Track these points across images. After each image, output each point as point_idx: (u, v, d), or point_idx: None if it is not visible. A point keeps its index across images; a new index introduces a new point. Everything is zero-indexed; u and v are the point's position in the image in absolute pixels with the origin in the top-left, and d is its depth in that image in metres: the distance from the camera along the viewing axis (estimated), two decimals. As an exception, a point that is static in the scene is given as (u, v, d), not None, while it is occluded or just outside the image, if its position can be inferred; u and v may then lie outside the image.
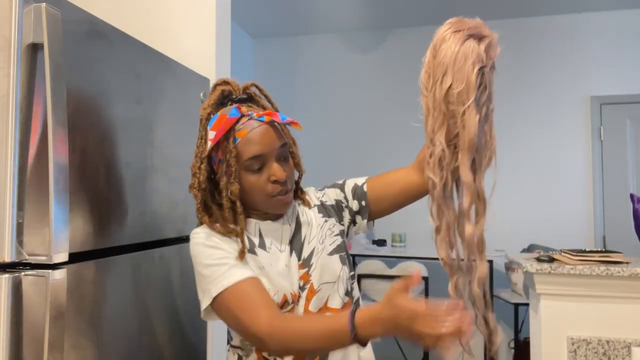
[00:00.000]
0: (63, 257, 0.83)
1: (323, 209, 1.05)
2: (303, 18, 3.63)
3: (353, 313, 0.76)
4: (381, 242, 3.41)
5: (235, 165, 0.90)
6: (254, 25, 3.78)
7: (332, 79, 3.91)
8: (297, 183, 1.03)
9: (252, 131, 0.90)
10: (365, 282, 3.03)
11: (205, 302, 0.89)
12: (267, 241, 0.96)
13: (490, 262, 3.04)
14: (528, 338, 2.85)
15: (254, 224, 0.97)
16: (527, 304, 2.63)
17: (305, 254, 0.98)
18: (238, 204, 0.93)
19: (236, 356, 0.98)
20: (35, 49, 0.83)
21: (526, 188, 3.50)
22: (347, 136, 3.86)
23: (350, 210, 1.06)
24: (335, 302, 0.97)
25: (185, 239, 1.40)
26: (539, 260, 1.62)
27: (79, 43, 0.95)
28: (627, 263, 1.54)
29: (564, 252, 1.67)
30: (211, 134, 0.91)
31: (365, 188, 1.04)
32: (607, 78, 3.43)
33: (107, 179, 1.02)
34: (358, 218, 1.06)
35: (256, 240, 0.96)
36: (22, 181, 0.81)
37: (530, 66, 3.55)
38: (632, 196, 1.70)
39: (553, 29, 3.52)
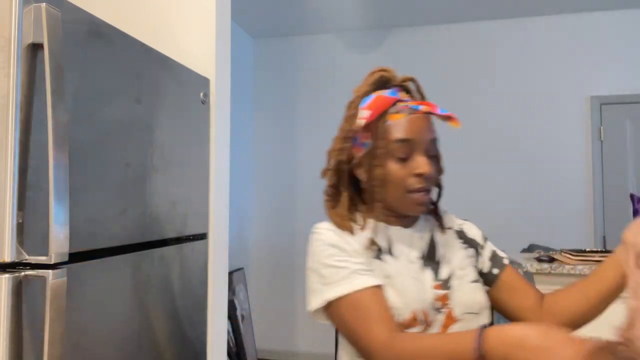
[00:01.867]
0: (63, 257, 0.83)
1: (464, 235, 0.97)
2: (303, 18, 3.63)
3: (481, 332, 0.66)
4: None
5: (382, 148, 0.84)
6: (254, 25, 3.78)
7: (332, 79, 3.91)
8: (436, 200, 0.96)
9: (406, 117, 0.85)
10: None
11: (316, 303, 0.82)
12: (397, 248, 0.88)
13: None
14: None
15: (382, 227, 0.89)
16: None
17: (443, 274, 0.88)
18: (375, 191, 0.86)
19: None
20: (35, 49, 0.83)
21: (526, 188, 3.50)
22: (347, 136, 3.86)
23: (483, 261, 0.96)
24: None
25: (185, 239, 1.40)
26: (539, 260, 1.62)
27: (79, 43, 0.95)
28: (627, 263, 1.54)
29: (564, 252, 1.66)
30: (364, 113, 0.86)
31: (496, 272, 0.94)
32: (607, 78, 3.43)
33: (107, 179, 1.02)
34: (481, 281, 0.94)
35: (384, 245, 0.87)
36: (22, 181, 0.81)
37: (530, 66, 3.55)
38: (632, 196, 1.70)
39: (553, 29, 3.52)
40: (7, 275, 0.78)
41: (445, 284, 0.86)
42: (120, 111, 1.07)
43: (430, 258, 0.89)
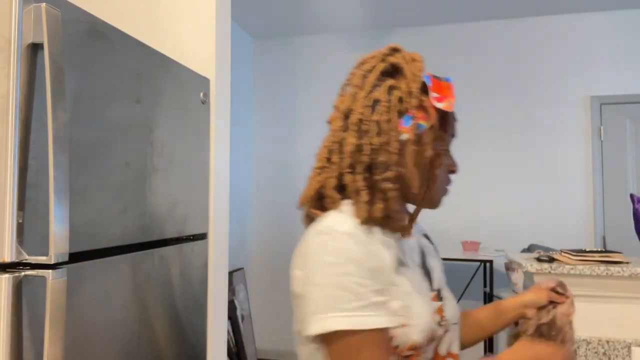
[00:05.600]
0: (63, 257, 0.83)
1: (429, 238, 0.93)
2: (303, 18, 3.63)
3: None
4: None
5: (443, 138, 0.79)
6: (254, 25, 3.78)
7: (332, 79, 3.91)
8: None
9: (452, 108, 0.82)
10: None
11: (317, 328, 0.67)
12: (407, 258, 0.79)
13: (490, 262, 3.04)
14: (528, 338, 2.84)
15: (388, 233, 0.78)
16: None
17: (435, 284, 0.82)
18: (417, 178, 0.78)
19: None
20: (35, 49, 0.83)
21: (526, 188, 3.50)
22: (347, 136, 3.86)
23: None
24: (455, 347, 0.82)
25: (185, 239, 1.40)
26: (539, 260, 1.62)
27: (79, 43, 0.95)
28: (627, 263, 1.54)
29: (564, 252, 1.66)
30: (434, 94, 0.78)
31: None
32: (607, 78, 3.43)
33: (107, 179, 1.02)
34: None
35: (401, 254, 0.77)
36: (22, 181, 0.81)
37: (530, 66, 3.55)
38: (632, 196, 1.70)
39: (553, 29, 3.52)
40: (7, 275, 0.78)
41: (439, 295, 0.81)
42: (120, 111, 1.07)
43: (424, 267, 0.82)
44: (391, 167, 0.75)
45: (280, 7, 3.43)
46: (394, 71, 0.80)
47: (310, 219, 0.83)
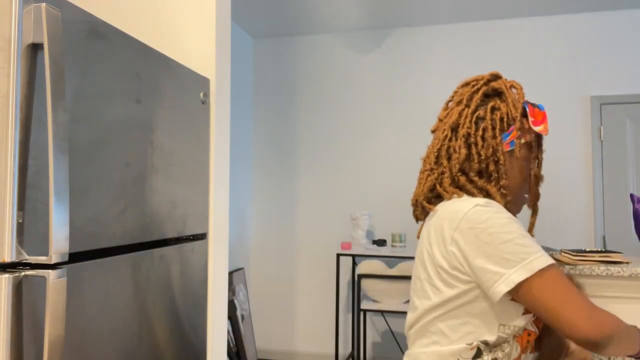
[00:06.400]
0: (63, 257, 0.83)
1: None
2: (303, 18, 3.63)
3: None
4: (381, 242, 3.41)
5: (538, 155, 0.99)
6: (254, 25, 3.78)
7: (332, 79, 3.91)
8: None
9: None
10: (365, 282, 3.03)
11: (521, 273, 0.82)
12: None
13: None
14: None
15: None
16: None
17: None
18: (522, 187, 1.00)
19: (474, 351, 0.91)
20: (35, 49, 0.83)
21: (526, 188, 3.49)
22: (347, 136, 3.86)
23: None
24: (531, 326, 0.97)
25: (185, 239, 1.40)
26: (539, 260, 1.62)
27: (79, 43, 0.95)
28: (627, 263, 1.54)
29: (564, 252, 1.66)
30: (531, 119, 0.98)
31: None
32: (607, 78, 3.43)
33: (107, 179, 1.02)
34: None
35: None
36: (22, 181, 0.81)
37: (530, 66, 3.55)
38: (632, 196, 1.70)
39: (553, 29, 3.52)
40: (7, 275, 0.78)
41: None
42: (120, 111, 1.07)
43: None
44: (502, 176, 0.95)
45: (280, 7, 3.43)
46: (495, 94, 1.00)
47: (425, 212, 1.03)
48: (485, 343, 0.90)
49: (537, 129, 0.97)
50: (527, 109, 0.98)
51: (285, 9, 3.45)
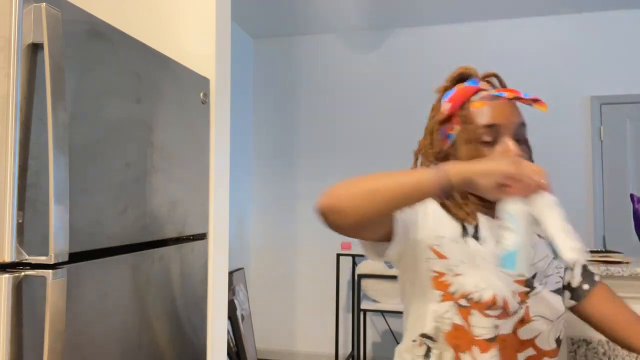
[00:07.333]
0: (63, 257, 0.83)
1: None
2: (303, 18, 3.63)
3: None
4: (381, 242, 3.41)
5: (468, 134, 0.86)
6: (254, 25, 3.78)
7: (332, 79, 3.91)
8: None
9: (489, 104, 0.85)
10: (365, 282, 3.03)
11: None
12: (482, 235, 0.87)
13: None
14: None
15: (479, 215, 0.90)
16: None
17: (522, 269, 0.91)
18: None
19: (424, 348, 0.86)
20: (35, 49, 0.83)
21: (526, 188, 3.49)
22: (347, 136, 3.86)
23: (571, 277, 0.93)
24: (544, 343, 0.85)
25: (185, 239, 1.40)
26: (539, 260, 1.62)
27: (79, 43, 0.95)
28: (627, 263, 1.54)
29: (564, 252, 1.66)
30: (446, 105, 0.89)
31: (586, 288, 0.92)
32: (607, 78, 3.43)
33: (107, 179, 1.02)
34: (567, 294, 0.92)
35: (470, 230, 0.87)
36: (22, 181, 0.81)
37: (530, 66, 3.55)
38: (632, 196, 1.70)
39: (553, 29, 3.52)
40: (7, 275, 0.78)
41: (529, 283, 0.86)
42: (120, 111, 1.07)
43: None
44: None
45: (280, 7, 3.43)
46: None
47: None
48: (426, 336, 0.85)
49: (443, 107, 0.91)
50: (447, 97, 0.91)
51: (285, 9, 3.45)
